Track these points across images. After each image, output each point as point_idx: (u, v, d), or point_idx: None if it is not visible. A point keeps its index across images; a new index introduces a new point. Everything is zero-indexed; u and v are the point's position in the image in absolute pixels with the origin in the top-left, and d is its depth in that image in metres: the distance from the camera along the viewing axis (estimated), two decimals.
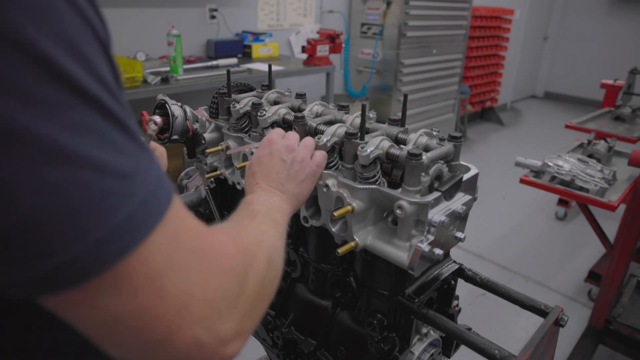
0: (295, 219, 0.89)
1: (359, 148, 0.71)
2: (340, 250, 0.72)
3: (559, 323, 0.71)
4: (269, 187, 0.72)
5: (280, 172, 0.73)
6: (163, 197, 0.39)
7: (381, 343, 0.78)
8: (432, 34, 4.52)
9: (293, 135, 0.79)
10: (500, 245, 3.52)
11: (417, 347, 0.79)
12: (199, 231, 0.44)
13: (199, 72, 2.85)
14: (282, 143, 0.76)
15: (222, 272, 0.43)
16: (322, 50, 3.42)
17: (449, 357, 0.88)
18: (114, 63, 0.41)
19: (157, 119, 0.95)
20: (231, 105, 0.95)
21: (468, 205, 0.74)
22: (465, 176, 0.75)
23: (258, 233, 0.57)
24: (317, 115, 0.92)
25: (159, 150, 0.99)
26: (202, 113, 1.08)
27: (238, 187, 0.96)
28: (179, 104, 1.06)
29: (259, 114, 0.88)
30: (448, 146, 0.75)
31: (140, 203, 0.36)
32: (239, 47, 3.48)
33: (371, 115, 0.89)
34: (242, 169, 0.91)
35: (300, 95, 1.00)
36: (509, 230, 3.75)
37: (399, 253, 0.70)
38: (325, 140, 0.76)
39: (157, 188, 0.39)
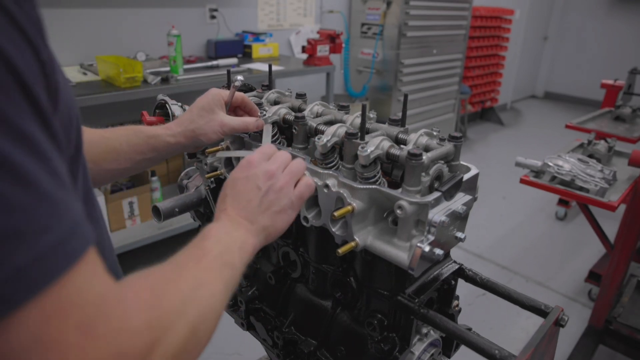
0: (295, 218, 0.89)
1: (359, 148, 0.71)
2: (341, 250, 0.72)
3: (559, 323, 0.71)
4: (237, 216, 0.65)
5: (252, 200, 0.66)
6: (54, 263, 0.34)
7: (381, 343, 0.78)
8: (432, 34, 4.52)
9: (281, 157, 0.72)
10: (501, 245, 3.52)
11: (417, 347, 0.79)
12: (100, 299, 0.38)
13: (199, 72, 2.85)
14: (262, 167, 0.69)
15: (111, 354, 0.36)
16: (322, 50, 3.42)
17: (449, 357, 0.88)
18: (49, 91, 0.39)
19: (240, 77, 0.89)
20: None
21: (468, 205, 0.74)
22: (466, 176, 0.75)
23: (191, 290, 0.50)
24: (318, 115, 0.92)
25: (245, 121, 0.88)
26: None
27: None
28: (179, 104, 1.06)
29: (259, 114, 0.88)
30: (448, 146, 0.75)
31: (12, 272, 0.32)
32: (239, 47, 3.48)
33: (371, 116, 0.89)
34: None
35: (300, 95, 1.00)
36: (509, 230, 3.75)
37: (399, 253, 0.70)
38: (325, 140, 0.76)
39: (50, 251, 0.34)
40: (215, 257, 0.56)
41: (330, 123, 0.86)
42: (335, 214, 0.71)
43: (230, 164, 0.97)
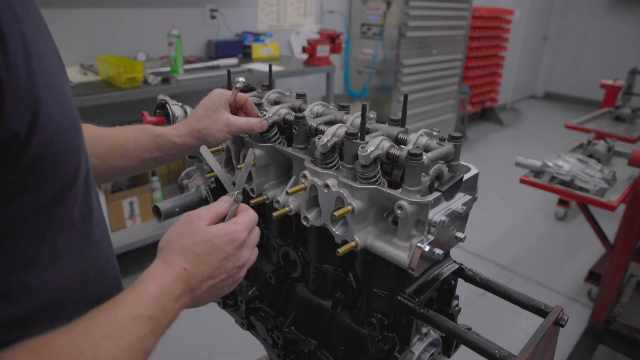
0: (295, 218, 0.89)
1: (360, 148, 0.72)
2: (341, 250, 0.72)
3: (559, 323, 0.71)
4: (186, 281, 0.60)
5: (212, 279, 0.63)
6: None
7: (381, 343, 0.78)
8: (432, 34, 4.52)
9: (255, 237, 0.71)
10: (500, 245, 3.52)
11: (417, 347, 0.79)
12: None
13: (199, 73, 2.85)
14: (243, 256, 0.66)
15: None
16: (322, 50, 3.42)
17: (449, 357, 0.88)
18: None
19: (241, 78, 0.88)
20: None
21: (468, 205, 0.74)
22: (466, 176, 0.75)
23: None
24: (318, 115, 0.92)
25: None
26: None
27: None
28: (180, 104, 1.06)
29: (259, 114, 0.89)
30: (448, 146, 0.76)
31: None
32: (239, 48, 3.48)
33: (371, 116, 0.89)
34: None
35: (300, 96, 1.00)
36: (509, 230, 3.75)
37: (399, 253, 0.70)
38: (325, 140, 0.76)
39: None
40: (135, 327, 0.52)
41: (330, 123, 0.86)
42: (336, 213, 0.71)
43: (230, 163, 0.98)
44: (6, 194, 0.45)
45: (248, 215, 0.70)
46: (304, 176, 0.79)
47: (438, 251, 0.68)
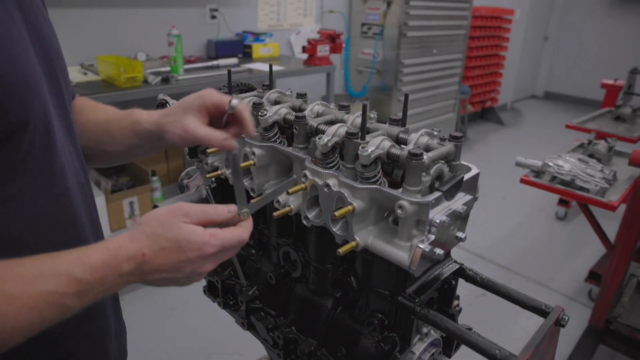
0: (295, 218, 0.89)
1: (360, 148, 0.71)
2: (341, 250, 0.72)
3: (559, 323, 0.71)
4: (139, 265, 0.61)
5: (167, 272, 0.64)
6: None
7: (382, 343, 0.78)
8: (433, 34, 4.52)
9: (227, 255, 0.69)
10: (501, 245, 3.52)
11: (418, 347, 0.79)
12: None
13: (199, 72, 2.85)
14: (204, 266, 0.66)
15: None
16: (323, 50, 3.42)
17: (449, 357, 0.88)
18: None
19: (234, 101, 0.78)
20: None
21: (469, 205, 0.74)
22: (466, 176, 0.75)
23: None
24: (318, 115, 0.92)
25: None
26: None
27: None
28: None
29: (259, 113, 0.88)
30: (449, 146, 0.75)
31: None
32: (240, 47, 3.48)
33: (372, 115, 0.89)
34: (243, 168, 0.91)
35: (301, 95, 1.00)
36: (509, 230, 3.75)
37: (399, 253, 0.70)
38: (326, 140, 0.76)
39: None
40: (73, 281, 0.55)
41: (330, 123, 0.86)
42: (336, 213, 0.71)
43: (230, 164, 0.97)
44: None
45: (231, 234, 0.67)
46: (305, 176, 0.79)
47: (439, 251, 0.68)
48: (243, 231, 0.69)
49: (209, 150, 0.98)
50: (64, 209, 0.71)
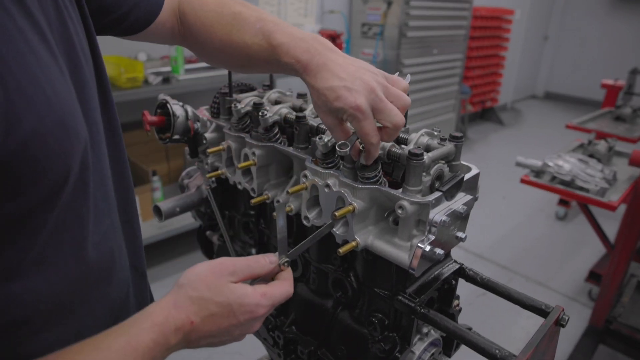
0: (296, 218, 0.89)
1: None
2: (341, 250, 0.72)
3: (559, 323, 0.71)
4: (187, 335, 0.57)
5: (212, 336, 0.60)
6: None
7: (382, 342, 0.78)
8: (433, 34, 4.52)
9: (271, 309, 0.65)
10: (501, 245, 3.52)
11: (418, 347, 0.79)
12: None
13: (200, 72, 2.85)
14: (253, 326, 0.63)
15: None
16: None
17: (449, 357, 0.88)
18: None
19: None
20: (232, 105, 0.95)
21: (469, 205, 0.74)
22: (466, 176, 0.75)
23: None
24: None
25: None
26: (204, 113, 1.08)
27: (239, 186, 0.96)
28: (181, 103, 1.07)
29: (260, 113, 0.89)
30: (449, 146, 0.76)
31: None
32: None
33: None
34: (243, 168, 0.91)
35: (301, 95, 1.00)
36: (509, 230, 3.75)
37: (399, 253, 0.70)
38: (326, 139, 0.76)
39: None
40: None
41: None
42: (336, 213, 0.71)
43: (231, 164, 0.98)
44: None
45: (280, 291, 0.64)
46: (305, 176, 0.79)
47: (439, 251, 0.69)
48: (289, 285, 0.66)
49: (209, 151, 0.98)
50: (107, 254, 0.63)
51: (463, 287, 0.85)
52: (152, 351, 0.53)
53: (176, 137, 1.05)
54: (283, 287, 0.65)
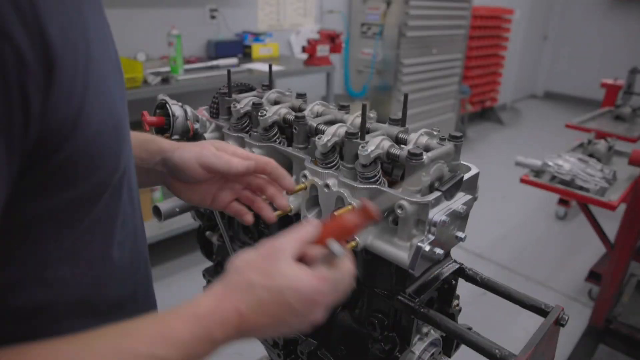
0: (295, 218, 0.89)
1: (360, 148, 0.72)
2: None
3: (559, 322, 0.71)
4: (236, 327, 0.51)
5: (266, 327, 0.53)
6: None
7: (382, 342, 0.78)
8: (432, 33, 4.52)
9: (341, 296, 0.58)
10: (501, 244, 3.52)
11: (418, 347, 0.79)
12: None
13: (199, 73, 2.85)
14: (316, 316, 0.55)
15: None
16: (322, 50, 3.42)
17: (449, 357, 0.88)
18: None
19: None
20: (232, 105, 0.95)
21: (468, 204, 0.74)
22: (466, 176, 0.75)
23: None
24: (318, 115, 0.92)
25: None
26: (203, 113, 1.08)
27: None
28: (180, 104, 1.06)
29: (259, 113, 0.88)
30: (448, 146, 0.76)
31: None
32: (239, 47, 3.48)
33: (371, 115, 0.89)
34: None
35: (300, 95, 1.00)
36: (509, 230, 3.75)
37: (399, 252, 0.70)
38: (325, 140, 0.76)
39: None
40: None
41: (330, 123, 0.86)
42: (336, 213, 0.71)
43: None
44: (32, 190, 0.45)
45: (342, 271, 0.56)
46: (304, 176, 0.79)
47: (438, 251, 0.68)
48: (347, 262, 0.58)
49: None
50: (128, 253, 0.62)
51: (463, 287, 0.85)
52: (189, 345, 0.48)
53: (175, 137, 1.05)
54: (345, 266, 0.57)
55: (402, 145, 0.76)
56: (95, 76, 0.46)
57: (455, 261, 0.83)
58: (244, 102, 0.95)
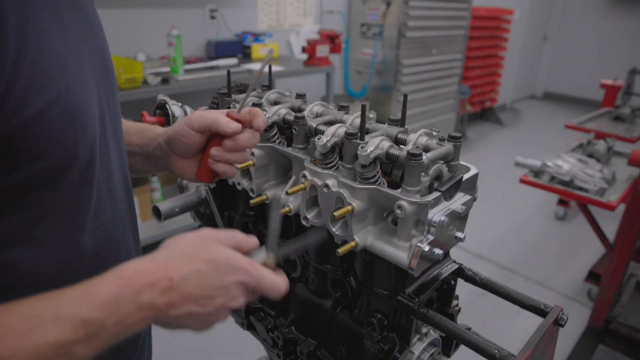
0: (295, 219, 0.89)
1: (359, 148, 0.72)
2: (341, 250, 0.72)
3: (558, 323, 0.71)
4: (165, 293, 0.50)
5: (194, 303, 0.52)
6: None
7: (381, 343, 0.78)
8: (432, 34, 4.52)
9: (256, 297, 0.60)
10: (500, 245, 3.52)
11: (417, 347, 0.79)
12: None
13: (199, 73, 2.85)
14: (237, 298, 0.56)
15: None
16: (322, 50, 3.42)
17: (448, 357, 0.88)
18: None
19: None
20: (231, 106, 0.95)
21: (468, 205, 0.74)
22: (465, 176, 0.75)
23: None
24: (317, 116, 0.92)
25: None
26: None
27: (238, 187, 0.96)
28: (179, 104, 1.06)
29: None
30: (448, 146, 0.76)
31: None
32: (239, 48, 3.48)
33: (371, 116, 0.89)
34: (243, 169, 0.91)
35: (300, 96, 1.00)
36: (508, 230, 3.76)
37: (398, 253, 0.70)
38: (325, 140, 0.76)
39: None
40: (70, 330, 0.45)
41: (330, 123, 0.86)
42: (335, 213, 0.71)
43: None
44: None
45: (270, 277, 0.59)
46: (304, 176, 0.79)
47: (438, 251, 0.69)
48: (283, 282, 0.61)
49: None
50: (103, 242, 0.63)
51: (462, 287, 0.85)
52: (114, 305, 0.47)
53: None
54: (274, 277, 0.59)
55: (402, 146, 0.76)
56: (36, 61, 0.47)
57: (454, 261, 0.83)
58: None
